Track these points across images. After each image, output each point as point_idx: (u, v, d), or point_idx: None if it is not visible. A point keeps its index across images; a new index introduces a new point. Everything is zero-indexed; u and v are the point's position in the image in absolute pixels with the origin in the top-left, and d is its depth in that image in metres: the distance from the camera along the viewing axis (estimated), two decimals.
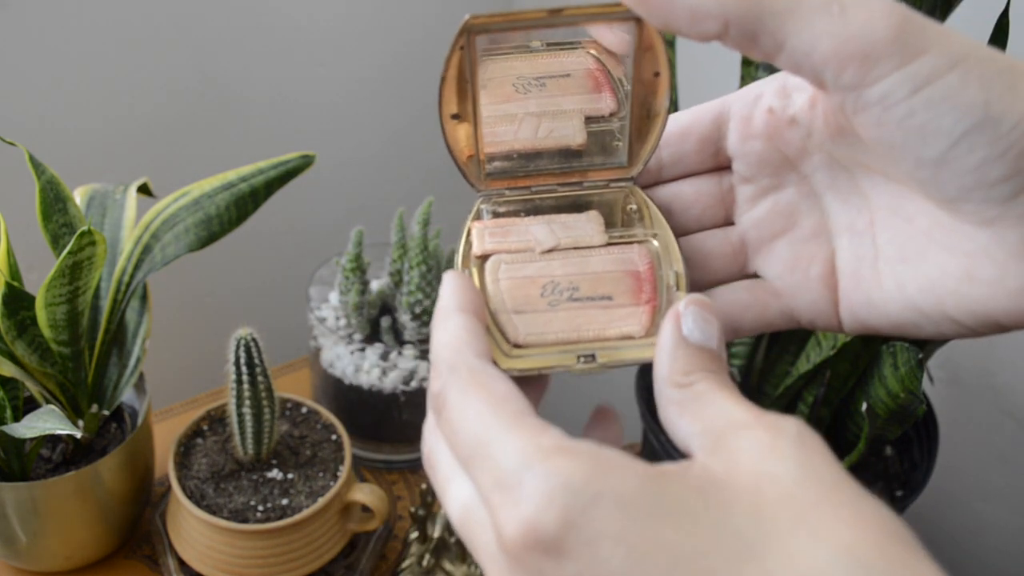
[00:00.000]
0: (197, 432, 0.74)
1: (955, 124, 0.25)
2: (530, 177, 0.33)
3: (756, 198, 0.33)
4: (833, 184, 0.31)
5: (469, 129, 0.32)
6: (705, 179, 0.33)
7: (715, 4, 0.25)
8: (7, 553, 0.69)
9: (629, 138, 0.32)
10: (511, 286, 0.31)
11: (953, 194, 0.26)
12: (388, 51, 1.06)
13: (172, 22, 0.88)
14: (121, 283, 0.67)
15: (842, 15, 0.25)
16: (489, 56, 0.32)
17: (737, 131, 0.32)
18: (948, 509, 0.94)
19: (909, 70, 0.25)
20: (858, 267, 0.31)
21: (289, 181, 0.70)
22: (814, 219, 0.32)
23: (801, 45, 0.25)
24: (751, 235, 0.33)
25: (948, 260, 0.28)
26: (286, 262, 1.08)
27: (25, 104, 0.83)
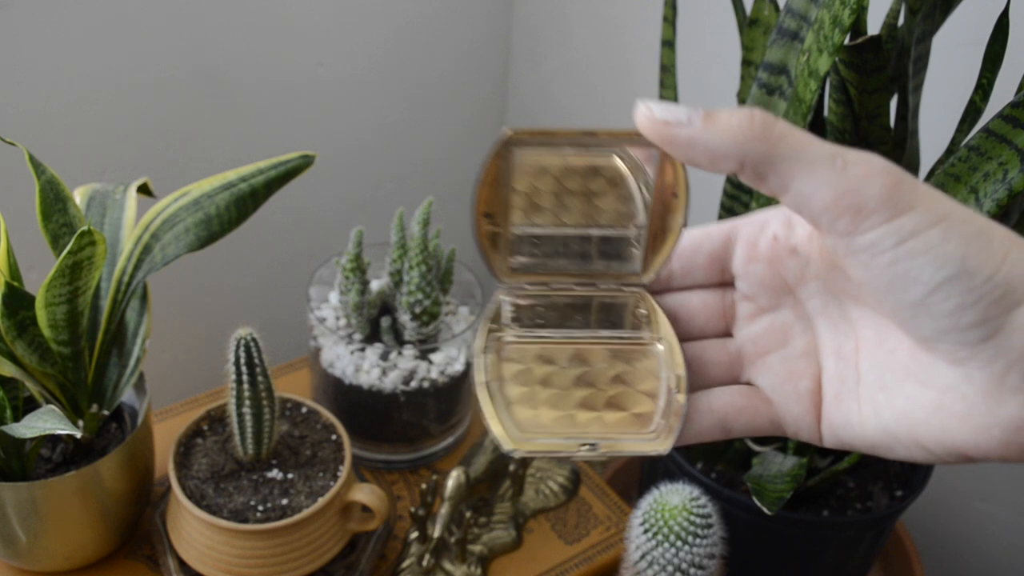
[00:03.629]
0: (197, 432, 0.74)
1: (934, 273, 0.28)
2: (549, 275, 0.36)
3: (755, 315, 0.35)
4: (825, 311, 0.34)
5: (498, 228, 0.35)
6: (710, 292, 0.36)
7: (733, 146, 0.29)
8: (7, 553, 0.69)
9: (645, 248, 0.35)
10: (528, 366, 0.34)
11: (929, 334, 0.29)
12: (389, 51, 1.06)
13: (172, 22, 0.88)
14: (121, 283, 0.67)
15: (843, 170, 0.28)
16: (525, 150, 0.33)
17: (743, 253, 0.35)
18: (948, 509, 0.94)
19: (896, 224, 0.28)
20: (841, 389, 0.33)
21: (289, 181, 0.70)
22: (806, 340, 0.35)
23: (804, 190, 0.29)
24: (747, 348, 0.35)
25: (922, 393, 0.30)
26: (286, 262, 1.08)
27: (25, 104, 0.83)
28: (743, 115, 0.29)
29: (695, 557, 0.64)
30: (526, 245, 0.35)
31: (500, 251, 0.35)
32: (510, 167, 0.33)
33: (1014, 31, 0.60)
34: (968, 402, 0.29)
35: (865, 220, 0.28)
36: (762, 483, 0.63)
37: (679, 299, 0.36)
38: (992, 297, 0.28)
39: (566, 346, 0.35)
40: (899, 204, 0.28)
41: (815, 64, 0.56)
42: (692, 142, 0.29)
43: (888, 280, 0.29)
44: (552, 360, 0.35)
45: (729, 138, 0.29)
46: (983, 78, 0.61)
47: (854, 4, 0.53)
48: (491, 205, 0.34)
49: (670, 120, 0.29)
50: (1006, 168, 0.55)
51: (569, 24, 1.10)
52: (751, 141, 0.28)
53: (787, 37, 0.61)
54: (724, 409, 0.34)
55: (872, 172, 0.28)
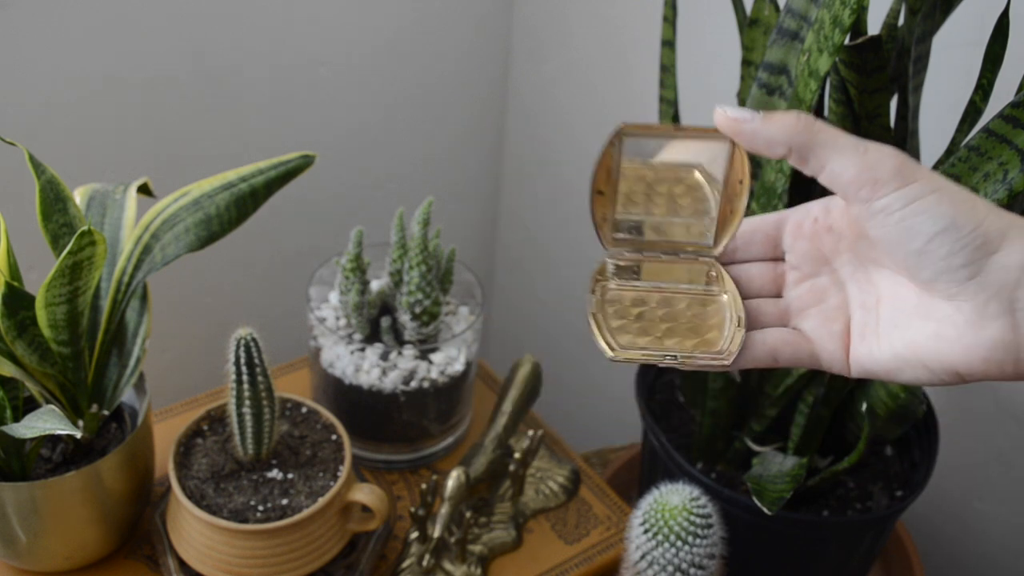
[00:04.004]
0: (197, 432, 0.74)
1: (932, 226, 0.38)
2: (645, 245, 0.46)
3: (799, 281, 0.45)
4: (854, 275, 0.44)
5: (608, 203, 0.44)
6: (766, 264, 0.47)
7: (784, 136, 0.39)
8: (7, 553, 0.69)
9: (717, 226, 0.45)
10: (626, 305, 0.45)
11: (928, 276, 0.39)
12: (389, 51, 1.06)
13: (172, 22, 0.88)
14: (121, 283, 0.67)
15: (864, 153, 0.38)
16: (631, 141, 0.43)
17: (791, 234, 0.46)
18: (948, 509, 0.94)
19: (903, 191, 0.38)
20: (864, 330, 0.43)
21: (289, 181, 0.70)
22: (839, 297, 0.44)
23: (836, 168, 0.39)
24: (794, 304, 0.45)
25: (924, 325, 0.40)
26: (286, 262, 1.08)
27: (25, 104, 0.83)
28: (791, 115, 0.39)
29: (695, 557, 0.64)
30: (626, 224, 0.45)
31: (607, 224, 0.45)
32: (619, 155, 0.42)
33: (1014, 31, 0.60)
34: (959, 327, 0.39)
35: (880, 189, 0.38)
36: (762, 483, 0.63)
37: (741, 269, 0.46)
38: (975, 244, 0.38)
39: (655, 293, 0.46)
40: (905, 177, 0.38)
41: (815, 64, 0.56)
42: (755, 133, 0.40)
43: (898, 234, 0.39)
44: (644, 302, 0.45)
45: (781, 130, 0.39)
46: (983, 78, 0.61)
47: (854, 4, 0.53)
48: (603, 184, 0.43)
49: (739, 118, 0.40)
50: (1006, 168, 0.55)
51: (569, 24, 1.10)
52: (797, 133, 0.39)
53: (787, 37, 0.61)
54: (774, 343, 0.43)
55: (885, 155, 0.38)
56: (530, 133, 1.22)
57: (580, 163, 1.15)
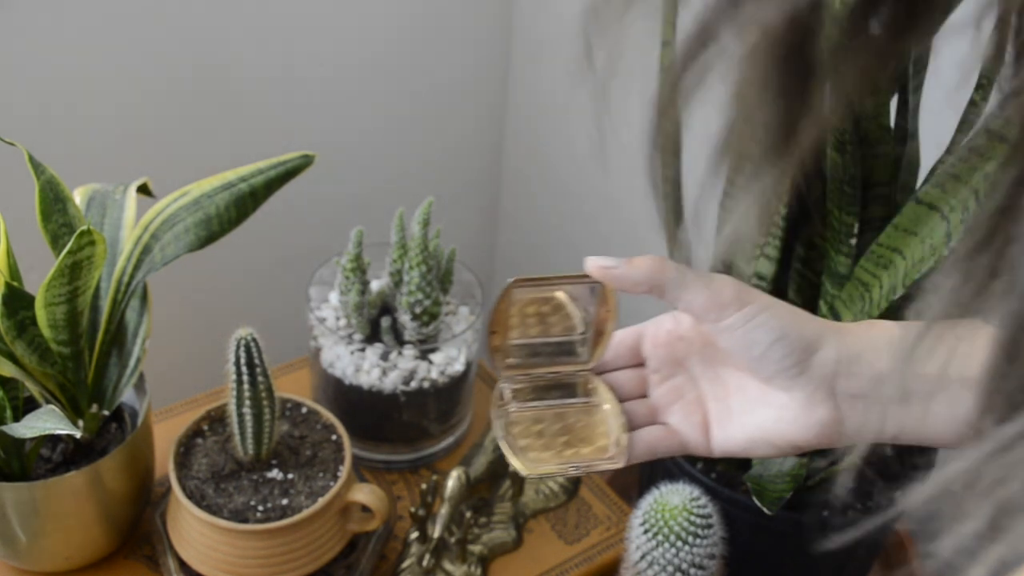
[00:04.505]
0: (197, 432, 0.74)
1: (766, 337, 0.46)
2: (531, 367, 0.54)
3: (660, 382, 0.53)
4: (704, 374, 0.52)
5: (500, 339, 0.51)
6: (631, 371, 0.54)
7: (644, 279, 0.47)
8: (7, 553, 0.69)
9: (590, 346, 0.53)
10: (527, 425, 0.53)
11: (768, 375, 0.47)
12: (389, 51, 1.06)
13: (172, 22, 0.88)
14: (121, 283, 0.67)
15: (708, 285, 0.47)
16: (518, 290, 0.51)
17: (649, 343, 0.53)
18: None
19: (743, 312, 0.46)
20: (720, 418, 0.51)
21: (289, 181, 0.70)
22: (695, 393, 0.52)
23: (688, 299, 0.47)
24: (659, 402, 0.53)
25: (767, 411, 0.48)
26: (286, 262, 1.08)
27: (25, 104, 0.83)
28: (648, 261, 0.47)
29: (695, 557, 0.64)
30: (516, 353, 0.53)
31: (500, 355, 0.52)
32: (508, 303, 0.50)
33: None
34: (794, 411, 0.47)
35: (724, 312, 0.47)
36: (762, 483, 0.63)
37: (612, 376, 0.54)
38: (801, 347, 0.46)
39: (549, 410, 0.53)
40: (743, 300, 0.47)
41: None
42: (622, 277, 0.48)
43: (741, 344, 0.47)
44: (541, 420, 0.53)
45: (642, 275, 0.47)
46: (983, 78, 0.61)
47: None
48: (496, 326, 0.51)
49: (607, 265, 0.48)
50: None
51: (569, 24, 1.10)
52: (654, 275, 0.47)
53: None
54: (651, 440, 0.51)
55: (725, 284, 0.47)
56: (530, 133, 1.22)
57: (580, 163, 1.15)
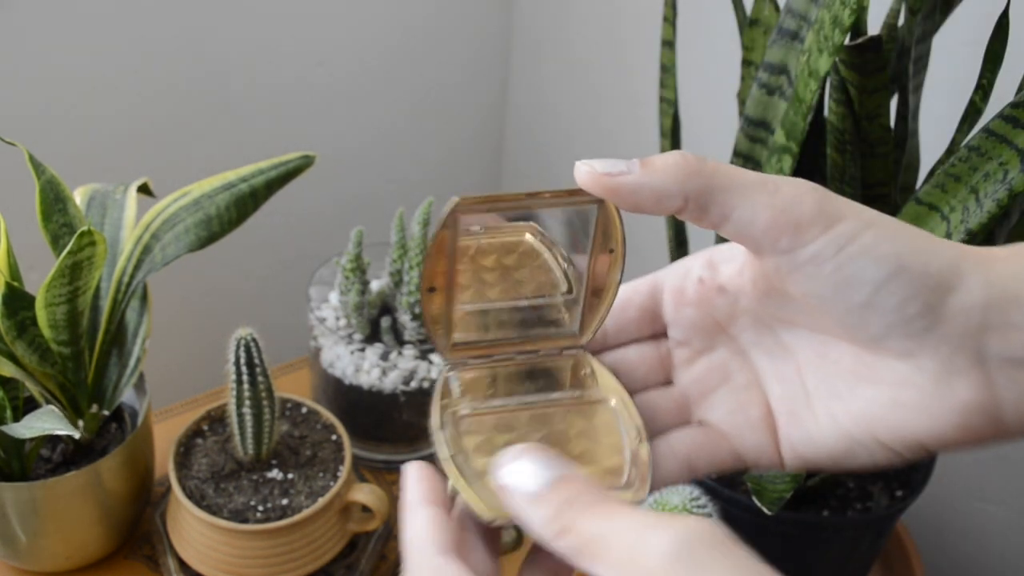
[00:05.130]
0: (197, 432, 0.74)
1: (876, 272, 0.30)
2: (492, 347, 0.36)
3: (692, 359, 0.37)
4: (759, 341, 0.35)
5: (442, 301, 0.34)
6: (646, 345, 0.37)
7: (675, 184, 0.31)
8: (7, 553, 0.69)
9: (581, 310, 0.35)
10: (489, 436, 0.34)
11: (878, 332, 0.31)
12: (389, 50, 1.06)
13: (172, 22, 0.88)
14: (121, 283, 0.67)
15: (776, 192, 0.31)
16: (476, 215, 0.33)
17: (671, 301, 0.36)
18: (948, 509, 0.94)
19: (833, 233, 0.30)
20: (792, 407, 0.34)
21: (289, 181, 0.70)
22: (746, 372, 0.36)
23: (744, 216, 0.31)
24: (691, 390, 0.36)
25: (875, 391, 0.32)
26: (286, 262, 1.08)
27: (25, 104, 0.83)
28: (676, 156, 0.31)
29: None
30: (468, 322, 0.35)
31: (442, 327, 0.35)
32: (455, 238, 0.32)
33: (1014, 31, 0.60)
34: (922, 391, 0.31)
35: (805, 233, 0.31)
36: (762, 483, 0.63)
37: (616, 356, 0.37)
38: (929, 287, 0.30)
39: (522, 412, 0.35)
40: (831, 215, 0.31)
41: (815, 64, 0.56)
42: (637, 187, 0.31)
43: (834, 286, 0.31)
44: (511, 427, 0.34)
45: (670, 177, 0.31)
46: (983, 78, 0.61)
47: (854, 4, 0.53)
48: (436, 278, 0.33)
49: (612, 171, 0.31)
50: (1006, 168, 0.55)
51: (569, 24, 1.10)
52: (690, 177, 0.31)
53: (787, 37, 0.61)
54: (686, 450, 0.35)
55: (801, 191, 0.31)
56: (530, 133, 1.21)
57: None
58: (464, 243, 0.34)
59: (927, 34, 0.63)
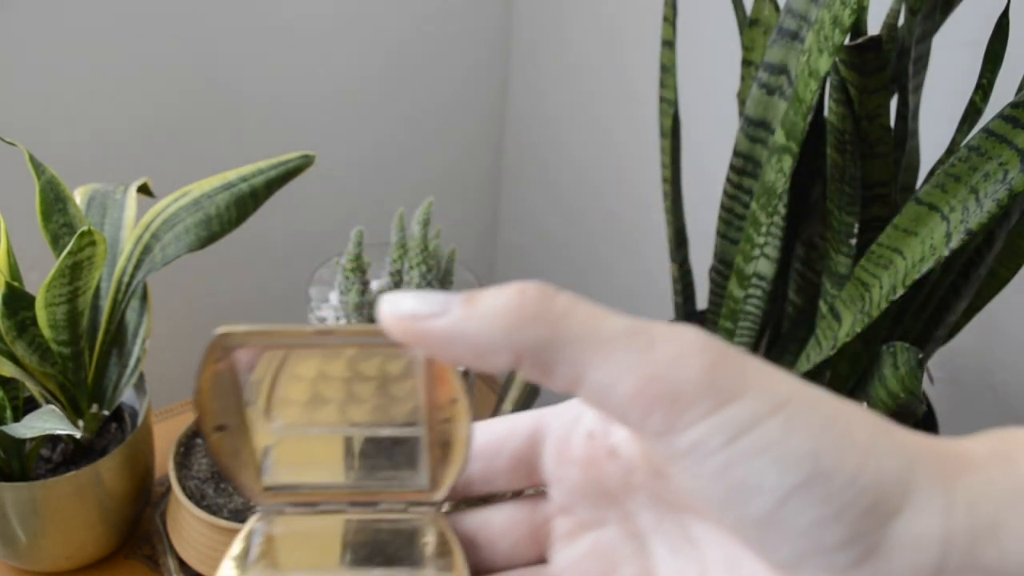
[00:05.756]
0: (197, 432, 0.74)
1: (780, 479, 0.21)
2: (316, 492, 0.28)
3: (574, 534, 0.28)
4: (660, 527, 0.27)
5: (239, 439, 0.27)
6: (518, 507, 0.29)
7: (504, 336, 0.22)
8: (7, 553, 0.69)
9: (431, 459, 0.28)
10: None
11: (785, 559, 0.22)
12: (388, 51, 1.06)
13: (172, 22, 0.88)
14: (121, 283, 0.67)
15: (648, 349, 0.22)
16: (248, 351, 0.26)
17: (553, 455, 0.28)
18: None
19: (724, 416, 0.22)
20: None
21: (289, 181, 0.70)
22: (638, 565, 0.27)
23: (600, 381, 0.22)
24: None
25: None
26: (286, 262, 1.08)
27: (25, 104, 0.83)
28: (511, 291, 0.22)
29: None
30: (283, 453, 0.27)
31: (248, 466, 0.27)
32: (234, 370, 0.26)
33: (1014, 31, 0.60)
34: None
35: (683, 413, 0.22)
36: None
37: (480, 519, 0.29)
38: (859, 506, 0.21)
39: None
40: (725, 389, 0.22)
41: (815, 64, 0.56)
42: (450, 337, 0.22)
43: (724, 490, 0.22)
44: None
45: (496, 325, 0.22)
46: (983, 78, 0.61)
47: (854, 4, 0.53)
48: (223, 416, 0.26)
49: (420, 313, 0.23)
50: (1006, 168, 0.55)
51: (568, 24, 1.10)
52: (526, 324, 0.22)
53: (787, 37, 0.61)
54: None
55: (686, 350, 0.22)
56: (530, 133, 1.22)
57: (580, 164, 1.15)
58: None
59: (927, 34, 0.63)
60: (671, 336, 0.22)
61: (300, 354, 0.26)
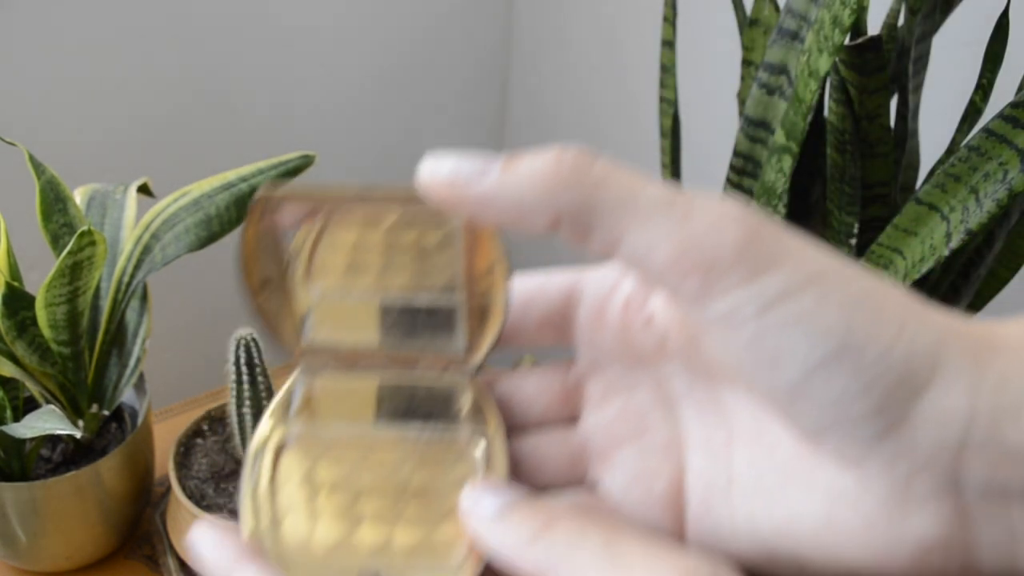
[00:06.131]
0: (197, 432, 0.74)
1: (810, 350, 0.22)
2: (355, 353, 0.29)
3: (605, 397, 0.28)
4: (691, 394, 0.27)
5: (281, 298, 0.28)
6: (551, 371, 0.29)
7: (541, 197, 0.23)
8: (7, 553, 0.69)
9: (468, 324, 0.28)
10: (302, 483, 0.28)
11: (811, 428, 0.23)
12: (388, 51, 1.06)
13: (172, 22, 0.88)
14: (121, 283, 0.67)
15: (686, 218, 0.22)
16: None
17: (587, 320, 0.28)
18: None
19: (757, 286, 0.22)
20: (709, 492, 0.26)
21: (289, 181, 0.70)
22: (667, 430, 0.27)
23: (638, 246, 0.22)
24: (595, 440, 0.28)
25: (807, 501, 0.24)
26: None
27: (25, 104, 0.83)
28: (550, 156, 0.23)
29: None
30: (324, 314, 0.29)
31: (290, 325, 0.28)
32: (276, 227, 0.27)
33: (1014, 31, 0.60)
34: (864, 516, 0.23)
35: (718, 281, 0.22)
36: None
37: (513, 381, 0.29)
38: (887, 380, 0.22)
39: (362, 446, 0.28)
40: (760, 259, 0.22)
41: (815, 64, 0.56)
42: (489, 199, 0.23)
43: (754, 359, 0.22)
44: (341, 463, 0.28)
45: (535, 187, 0.23)
46: (983, 78, 0.61)
47: (854, 4, 0.53)
48: (266, 274, 0.28)
49: (459, 176, 0.23)
50: (1006, 168, 0.55)
51: (569, 24, 1.10)
52: (563, 188, 0.23)
53: (787, 37, 0.61)
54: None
55: (723, 220, 0.22)
56: (530, 133, 1.22)
57: None
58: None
59: (927, 34, 0.63)
60: (709, 205, 0.22)
61: (340, 220, 0.27)
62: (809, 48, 0.56)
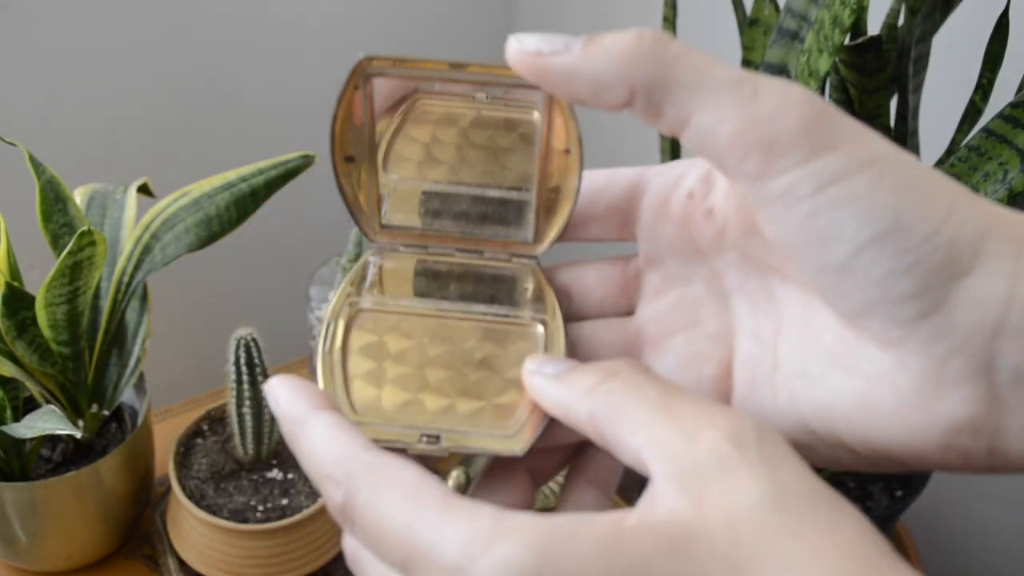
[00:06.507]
0: (197, 432, 0.74)
1: (860, 229, 0.23)
2: (428, 236, 0.31)
3: (661, 289, 0.30)
4: (744, 286, 0.29)
5: (365, 174, 0.30)
6: (611, 263, 0.31)
7: (618, 71, 0.24)
8: (7, 553, 0.69)
9: (537, 213, 0.30)
10: (372, 347, 0.29)
11: (855, 308, 0.24)
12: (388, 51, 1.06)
13: (172, 22, 0.88)
14: (121, 283, 0.67)
15: (753, 97, 0.24)
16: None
17: (651, 210, 0.30)
18: (948, 509, 0.94)
19: (815, 166, 0.23)
20: (755, 376, 0.28)
21: (289, 181, 0.70)
22: (719, 320, 0.29)
23: (705, 122, 0.24)
24: (649, 328, 0.30)
25: (846, 382, 0.25)
26: (286, 262, 1.08)
27: (25, 104, 0.83)
28: (630, 34, 0.24)
29: None
30: (401, 198, 0.30)
31: (369, 203, 0.30)
32: (370, 100, 0.28)
33: (1014, 31, 0.60)
34: (900, 395, 0.24)
35: (778, 159, 0.23)
36: None
37: (574, 274, 0.31)
38: (932, 262, 0.23)
39: (430, 319, 0.30)
40: (819, 141, 0.23)
41: (815, 64, 0.56)
42: (571, 72, 0.24)
43: (806, 237, 0.24)
44: (410, 334, 0.29)
45: (614, 61, 0.24)
46: (983, 78, 0.61)
47: (854, 4, 0.53)
48: (352, 146, 0.29)
49: (544, 50, 0.25)
50: (1006, 168, 0.55)
51: (569, 25, 1.10)
52: (640, 63, 0.24)
53: (787, 37, 0.61)
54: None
55: (788, 101, 0.24)
56: None
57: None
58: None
59: (927, 34, 0.63)
60: (775, 87, 0.24)
61: (426, 102, 0.29)
62: (809, 48, 0.56)
